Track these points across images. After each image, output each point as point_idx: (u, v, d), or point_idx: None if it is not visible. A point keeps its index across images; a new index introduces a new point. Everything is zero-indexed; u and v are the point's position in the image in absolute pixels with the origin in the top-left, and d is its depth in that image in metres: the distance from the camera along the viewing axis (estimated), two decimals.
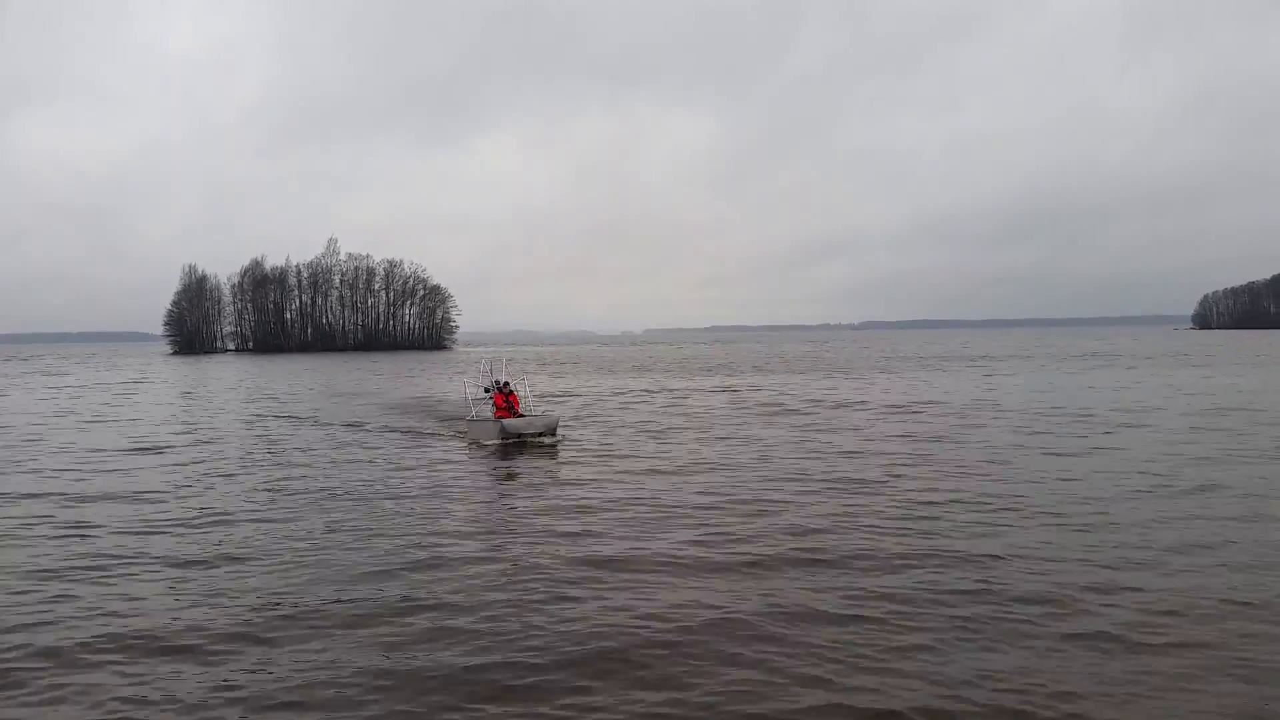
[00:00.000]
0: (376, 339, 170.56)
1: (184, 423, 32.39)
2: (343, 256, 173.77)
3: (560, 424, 25.91)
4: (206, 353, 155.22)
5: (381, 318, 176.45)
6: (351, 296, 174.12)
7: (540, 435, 24.42)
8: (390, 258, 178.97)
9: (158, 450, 24.27)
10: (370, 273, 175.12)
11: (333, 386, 53.18)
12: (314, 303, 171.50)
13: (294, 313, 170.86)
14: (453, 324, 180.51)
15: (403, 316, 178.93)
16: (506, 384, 27.00)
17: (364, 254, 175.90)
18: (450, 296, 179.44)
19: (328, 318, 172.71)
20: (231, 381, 61.84)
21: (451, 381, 57.10)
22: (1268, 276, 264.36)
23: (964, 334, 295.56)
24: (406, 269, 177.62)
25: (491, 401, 26.63)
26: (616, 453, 22.59)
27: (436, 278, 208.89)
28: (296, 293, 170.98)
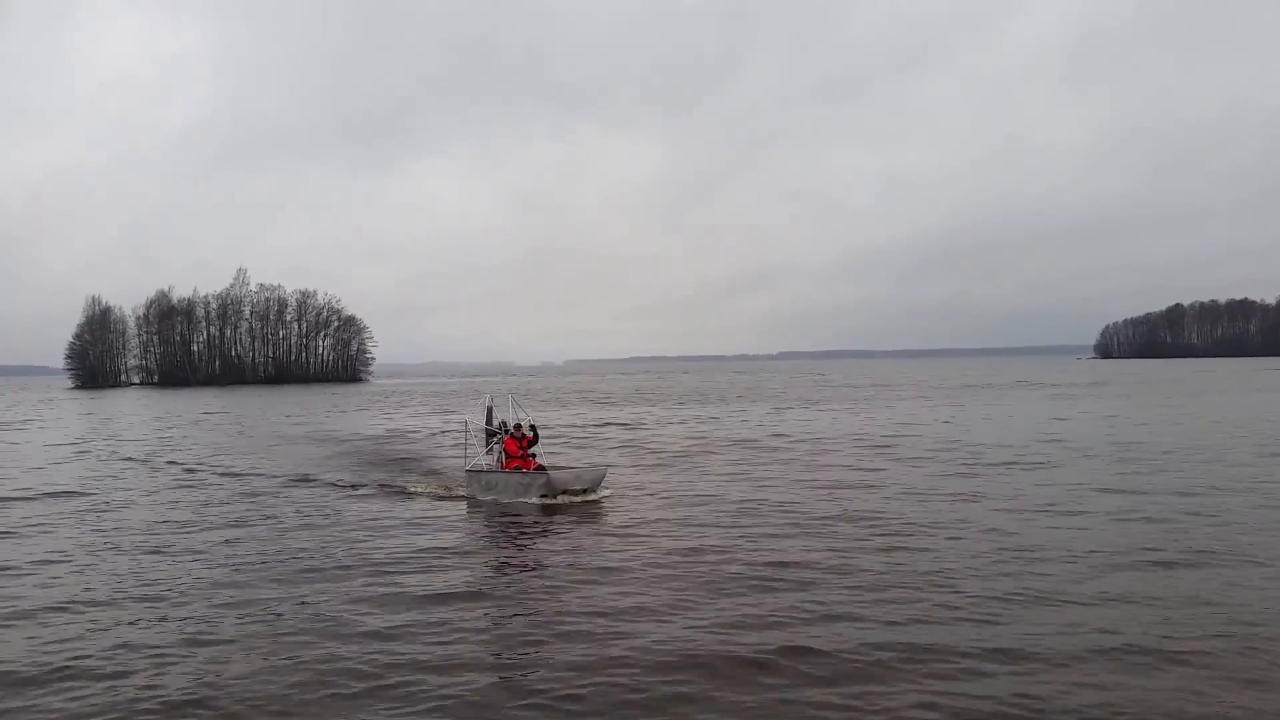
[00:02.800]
0: (288, 371, 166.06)
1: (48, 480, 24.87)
2: (253, 287, 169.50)
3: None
4: (110, 386, 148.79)
5: (294, 349, 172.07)
6: (262, 328, 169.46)
7: (586, 491, 19.46)
8: (303, 288, 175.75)
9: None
10: (282, 303, 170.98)
11: (250, 425, 50.39)
12: (222, 335, 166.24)
13: (201, 345, 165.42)
14: (368, 355, 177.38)
15: (316, 348, 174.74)
16: (521, 426, 21.15)
17: (275, 284, 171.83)
18: (366, 328, 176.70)
19: (237, 350, 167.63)
20: (130, 419, 58.36)
21: (391, 417, 54.88)
22: (1164, 308, 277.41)
23: (877, 364, 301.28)
24: (320, 299, 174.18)
25: (501, 448, 21.03)
26: (663, 505, 18.89)
27: (358, 307, 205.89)
28: (204, 324, 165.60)
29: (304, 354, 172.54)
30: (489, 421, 22.03)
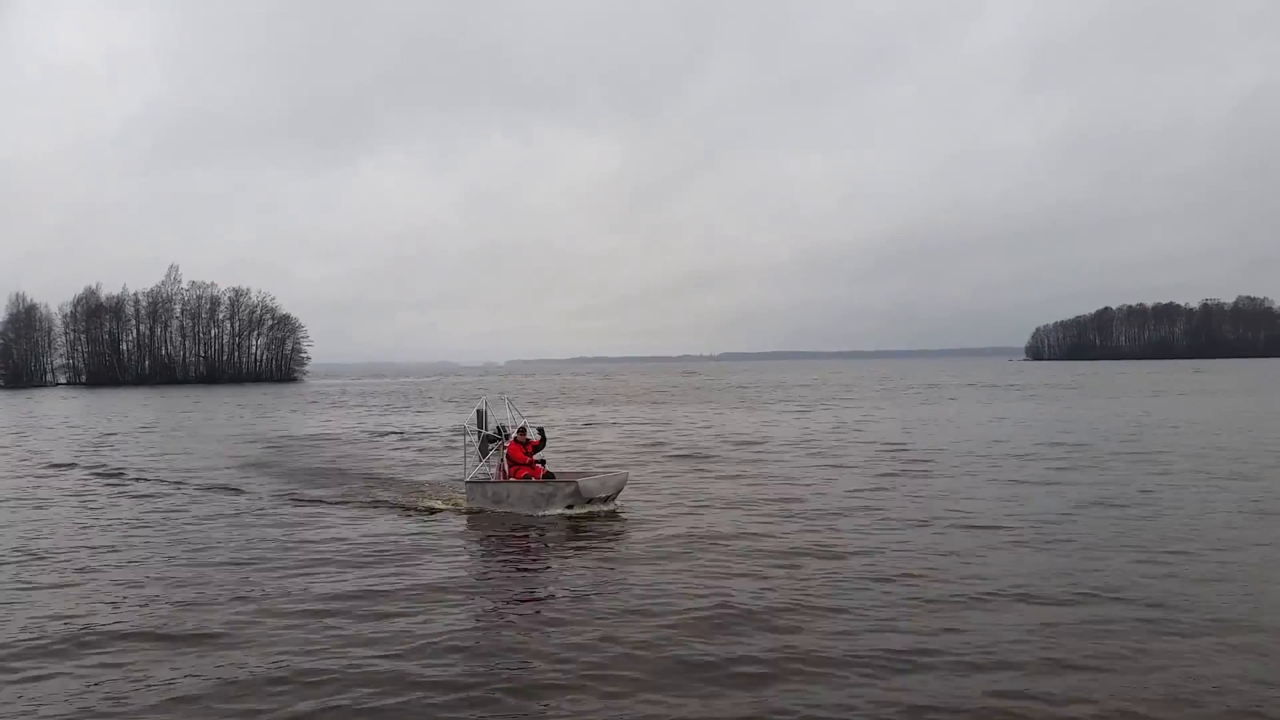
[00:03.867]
0: (220, 371, 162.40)
1: None
2: (185, 285, 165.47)
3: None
4: (35, 386, 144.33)
5: (226, 349, 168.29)
6: (194, 327, 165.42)
7: (608, 499, 17.97)
8: (237, 286, 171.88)
9: None
10: (214, 302, 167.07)
11: (196, 427, 49.06)
12: (153, 333, 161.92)
13: (130, 344, 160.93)
14: (303, 355, 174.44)
15: (249, 347, 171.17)
16: (525, 430, 19.17)
17: (209, 282, 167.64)
18: (301, 326, 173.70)
19: (167, 349, 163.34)
20: (56, 419, 56.54)
21: (341, 418, 53.92)
22: (1093, 311, 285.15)
23: (821, 364, 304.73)
24: (254, 298, 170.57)
25: (502, 456, 18.87)
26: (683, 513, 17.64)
27: (303, 305, 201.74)
28: (134, 323, 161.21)
29: (236, 353, 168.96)
30: (482, 425, 19.44)
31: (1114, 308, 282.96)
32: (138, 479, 24.38)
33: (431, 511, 18.27)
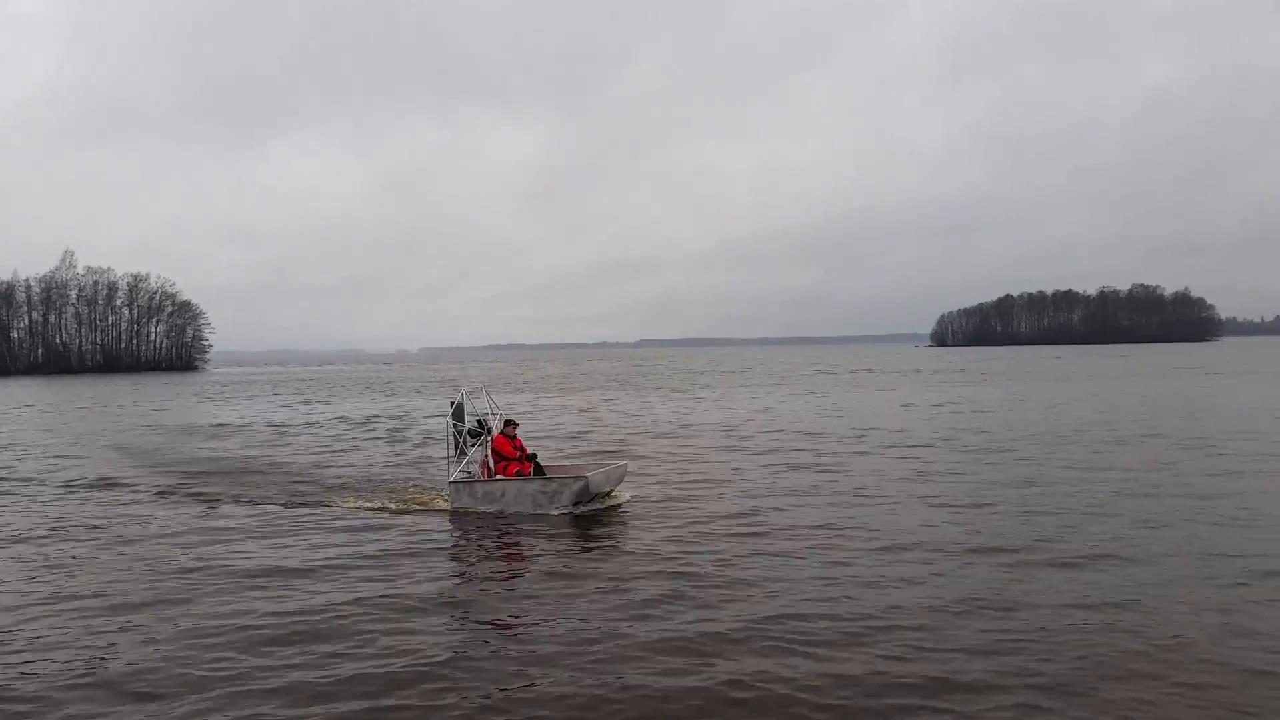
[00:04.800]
0: (118, 359, 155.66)
1: None
2: (80, 270, 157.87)
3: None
4: None
5: (124, 337, 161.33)
6: (90, 314, 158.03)
7: (610, 494, 17.12)
8: (136, 271, 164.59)
9: None
10: (112, 288, 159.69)
11: (104, 417, 46.62)
12: (46, 320, 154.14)
13: (22, 331, 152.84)
14: (205, 343, 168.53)
15: (148, 335, 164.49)
16: (514, 424, 17.64)
17: (105, 267, 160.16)
18: (203, 314, 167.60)
19: (62, 337, 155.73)
20: None
21: (245, 407, 51.98)
22: (994, 299, 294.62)
23: (738, 350, 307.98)
24: (153, 284, 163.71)
25: (487, 448, 17.17)
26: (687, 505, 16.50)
27: (204, 292, 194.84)
28: (26, 310, 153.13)
29: (135, 341, 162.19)
30: (458, 418, 17.45)
31: (1015, 295, 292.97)
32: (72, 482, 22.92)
33: (401, 511, 16.76)
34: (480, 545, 14.01)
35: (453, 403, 17.61)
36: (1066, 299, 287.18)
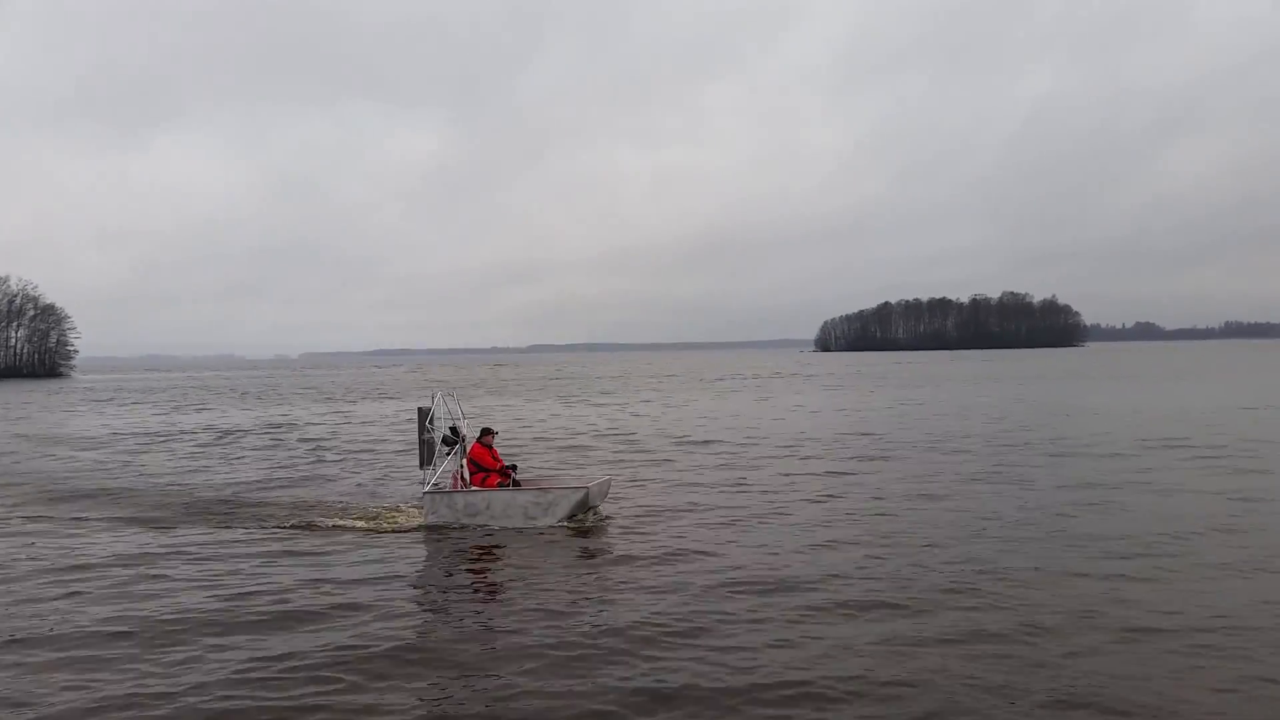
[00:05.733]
0: None
1: None
2: None
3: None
4: None
5: None
6: None
7: (596, 507, 15.90)
8: None
9: None
10: None
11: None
12: None
13: None
14: (70, 348, 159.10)
15: (7, 340, 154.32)
16: (492, 432, 16.31)
17: None
18: (67, 317, 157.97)
19: None
20: None
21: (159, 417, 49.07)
22: (874, 306, 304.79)
23: (629, 356, 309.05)
24: (14, 286, 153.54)
25: (462, 458, 15.79)
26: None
27: (73, 295, 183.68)
28: None
29: None
30: (426, 426, 15.64)
31: (893, 302, 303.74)
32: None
33: (367, 531, 14.97)
34: (476, 570, 12.31)
35: (420, 409, 15.87)
36: (941, 306, 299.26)
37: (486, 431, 16.07)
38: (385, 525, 15.37)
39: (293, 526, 15.23)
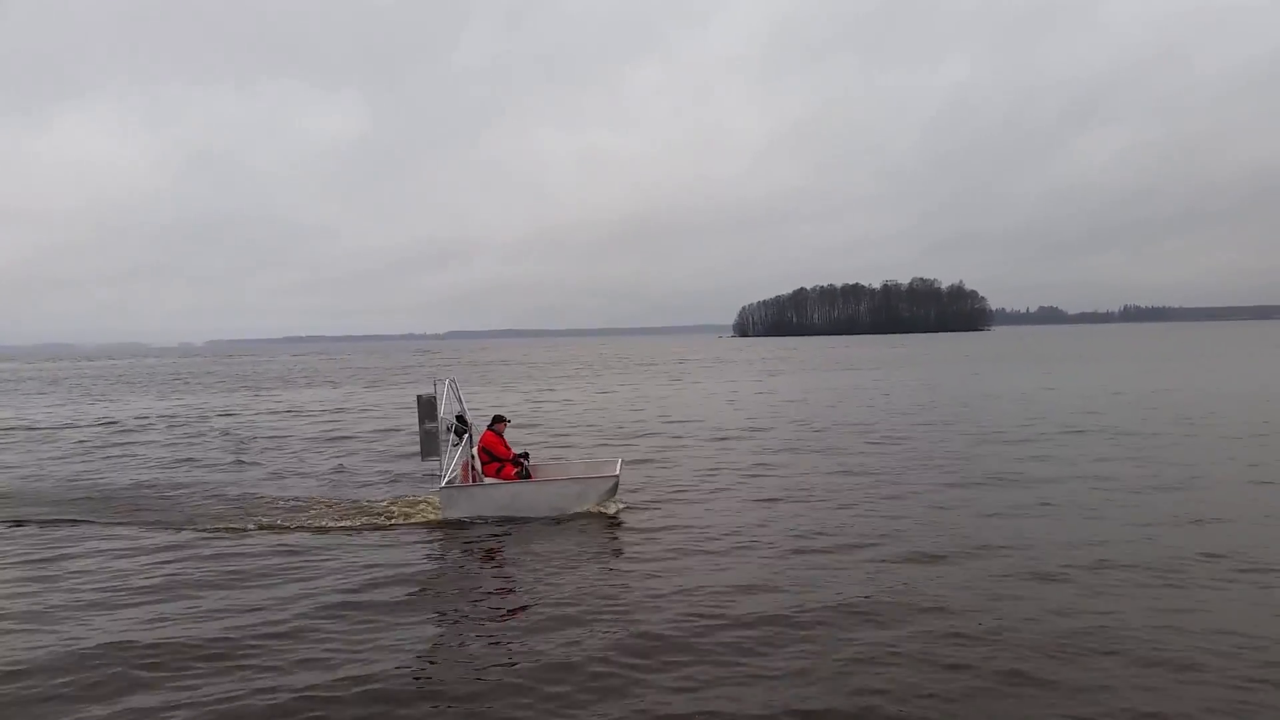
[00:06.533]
0: None
1: None
2: None
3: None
4: None
5: None
6: None
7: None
8: None
9: None
10: None
11: None
12: None
13: None
14: None
15: None
16: (504, 420, 16.03)
17: None
18: None
19: None
20: None
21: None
22: (790, 292, 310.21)
23: (550, 342, 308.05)
24: None
25: (470, 447, 15.54)
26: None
27: None
28: None
29: None
30: (430, 415, 14.51)
31: (809, 288, 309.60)
32: None
33: (376, 527, 14.36)
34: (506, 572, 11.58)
35: (420, 397, 14.82)
36: (855, 292, 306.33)
37: (499, 419, 15.73)
38: (395, 522, 14.61)
39: (298, 529, 14.45)
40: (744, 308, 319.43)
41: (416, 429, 15.10)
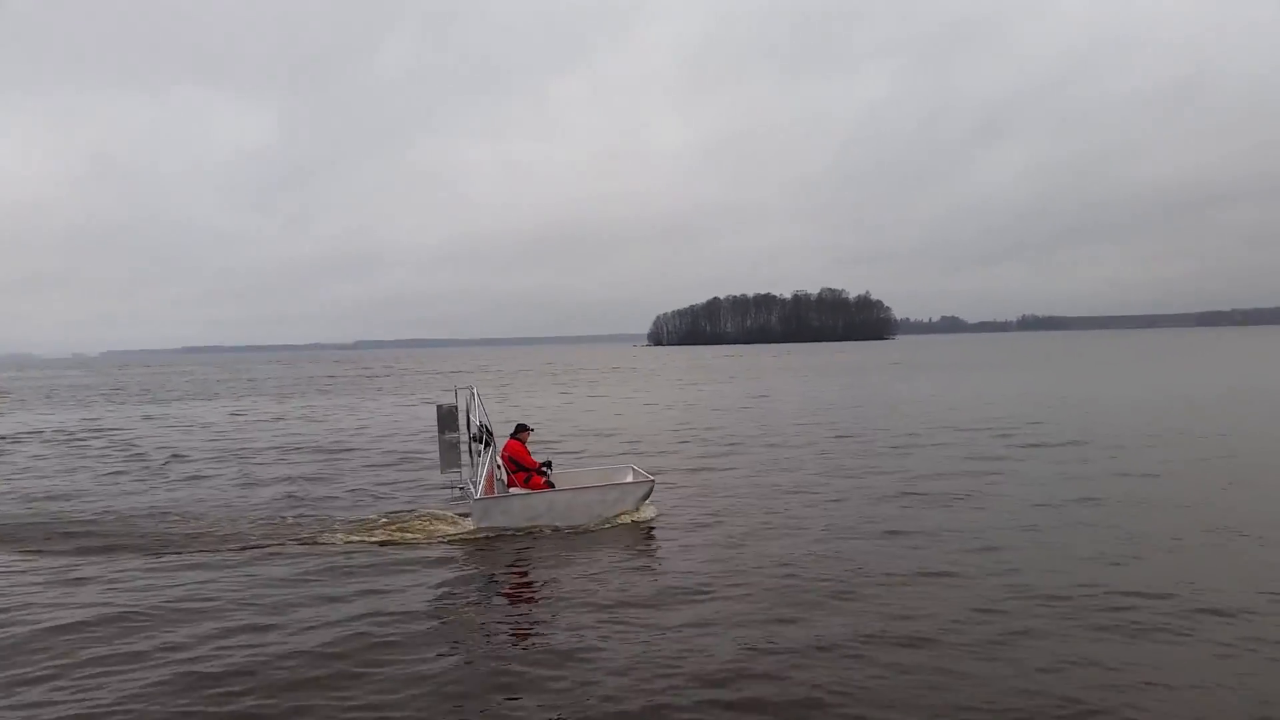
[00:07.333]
0: None
1: None
2: None
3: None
4: None
5: None
6: None
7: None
8: None
9: None
10: None
11: None
12: None
13: None
14: None
15: None
16: (528, 428, 15.82)
17: None
18: None
19: None
20: None
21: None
22: (704, 301, 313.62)
23: (461, 351, 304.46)
24: None
25: (496, 457, 14.84)
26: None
27: None
28: None
29: None
30: (451, 425, 14.61)
31: (721, 298, 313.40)
32: None
33: (400, 544, 13.75)
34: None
35: (440, 407, 14.73)
36: (766, 302, 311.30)
37: (522, 428, 15.51)
38: (420, 538, 14.04)
39: (321, 547, 13.70)
40: (659, 317, 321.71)
41: (409, 440, 15.01)
